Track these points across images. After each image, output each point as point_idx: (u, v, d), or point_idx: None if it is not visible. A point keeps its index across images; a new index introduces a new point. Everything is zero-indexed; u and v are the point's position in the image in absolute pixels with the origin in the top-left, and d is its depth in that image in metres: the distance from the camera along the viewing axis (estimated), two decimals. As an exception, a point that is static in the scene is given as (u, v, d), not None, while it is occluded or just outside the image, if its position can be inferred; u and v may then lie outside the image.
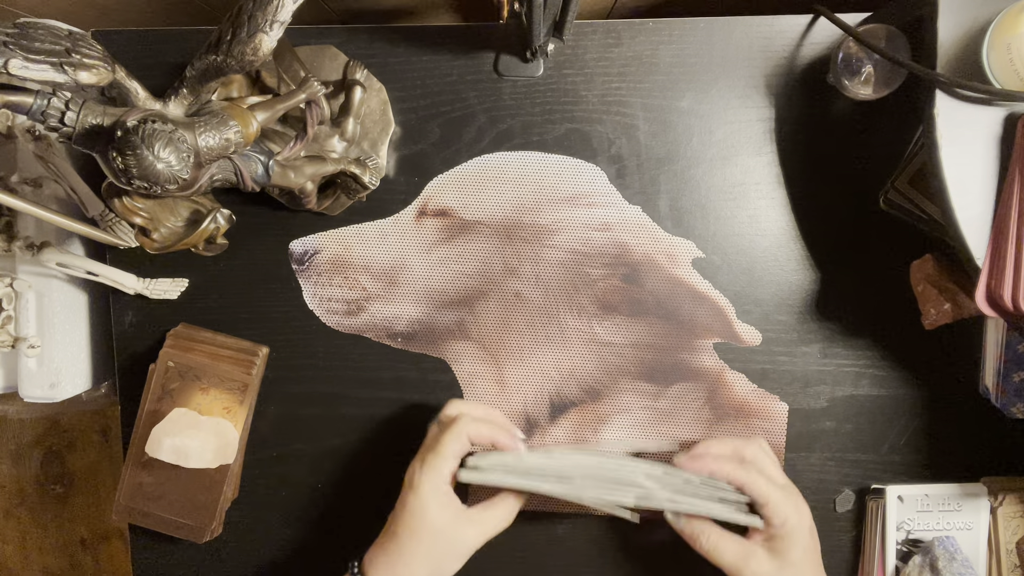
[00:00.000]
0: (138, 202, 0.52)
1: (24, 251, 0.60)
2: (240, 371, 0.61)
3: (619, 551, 0.65)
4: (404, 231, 0.63)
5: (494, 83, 0.61)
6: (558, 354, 0.63)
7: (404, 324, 0.64)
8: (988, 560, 0.63)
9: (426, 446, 0.56)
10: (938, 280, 0.57)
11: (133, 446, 0.61)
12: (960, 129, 0.50)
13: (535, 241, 0.62)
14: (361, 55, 0.61)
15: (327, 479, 0.66)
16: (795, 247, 0.62)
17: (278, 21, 0.45)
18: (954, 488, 0.62)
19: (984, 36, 0.49)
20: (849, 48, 0.56)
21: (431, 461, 0.53)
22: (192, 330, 0.63)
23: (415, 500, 0.53)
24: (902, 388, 0.63)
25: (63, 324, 0.63)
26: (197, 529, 0.62)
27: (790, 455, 0.64)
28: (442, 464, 0.53)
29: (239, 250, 0.63)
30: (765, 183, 0.62)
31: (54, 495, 1.36)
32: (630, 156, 0.62)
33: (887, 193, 0.59)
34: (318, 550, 0.66)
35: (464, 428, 0.54)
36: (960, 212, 0.50)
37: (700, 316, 0.63)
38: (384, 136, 0.61)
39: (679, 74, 0.61)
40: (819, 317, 0.63)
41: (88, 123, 0.45)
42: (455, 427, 0.54)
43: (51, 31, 0.44)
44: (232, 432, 0.61)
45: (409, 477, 0.54)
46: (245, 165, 0.53)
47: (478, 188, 0.62)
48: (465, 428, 0.54)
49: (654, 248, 0.62)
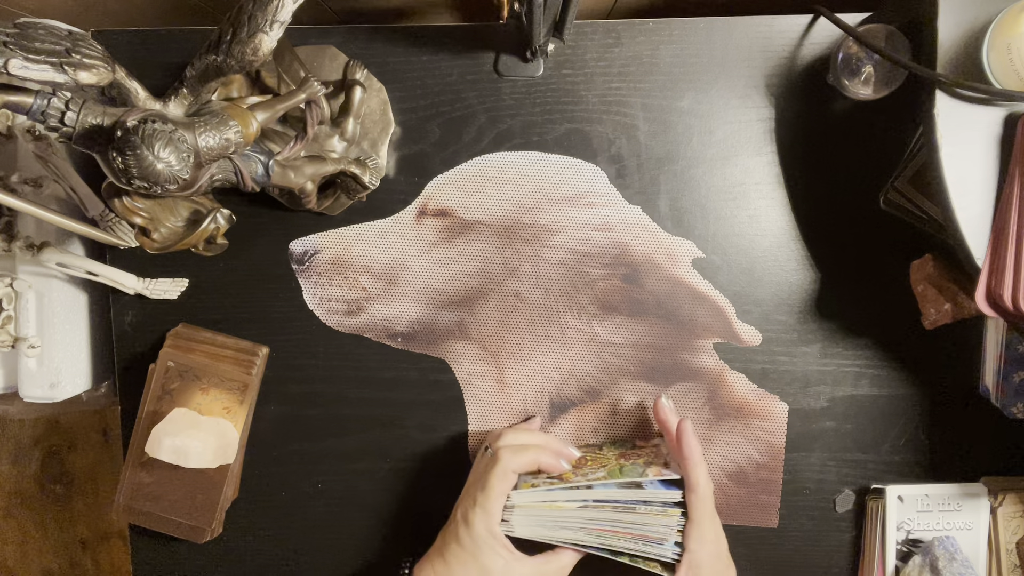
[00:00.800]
0: (138, 202, 0.52)
1: (24, 251, 0.60)
2: (240, 371, 0.61)
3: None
4: (404, 231, 0.63)
5: (494, 83, 0.61)
6: (558, 354, 0.63)
7: (404, 324, 0.64)
8: (988, 560, 0.63)
9: (476, 480, 0.58)
10: (938, 280, 0.57)
11: (133, 446, 0.61)
12: (960, 129, 0.50)
13: (535, 241, 0.62)
14: (361, 55, 0.61)
15: (327, 479, 0.66)
16: (795, 247, 0.62)
17: (278, 21, 0.45)
18: (954, 488, 0.62)
19: (984, 36, 0.49)
20: (849, 48, 0.56)
21: (482, 502, 0.55)
22: (192, 330, 0.63)
23: (468, 539, 0.55)
24: (902, 388, 0.63)
25: (63, 324, 0.63)
26: (197, 529, 0.61)
27: (790, 455, 0.64)
28: (493, 505, 0.55)
29: (239, 250, 0.63)
30: (765, 183, 0.62)
31: (54, 495, 1.36)
32: (630, 156, 0.62)
33: (887, 193, 0.59)
34: (318, 550, 0.66)
35: (508, 465, 0.56)
36: (960, 212, 0.50)
37: (700, 316, 0.63)
38: (384, 136, 0.61)
39: (679, 74, 0.61)
40: (819, 317, 0.63)
41: (88, 123, 0.45)
42: (498, 467, 0.56)
43: (51, 31, 0.44)
44: (232, 432, 0.61)
45: (463, 514, 0.56)
46: (245, 165, 0.53)
47: (478, 188, 0.62)
48: (509, 465, 0.56)
49: (654, 248, 0.62)
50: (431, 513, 0.65)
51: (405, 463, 0.65)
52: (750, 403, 0.63)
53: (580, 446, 0.63)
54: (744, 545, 0.65)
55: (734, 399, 0.63)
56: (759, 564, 0.65)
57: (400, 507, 0.66)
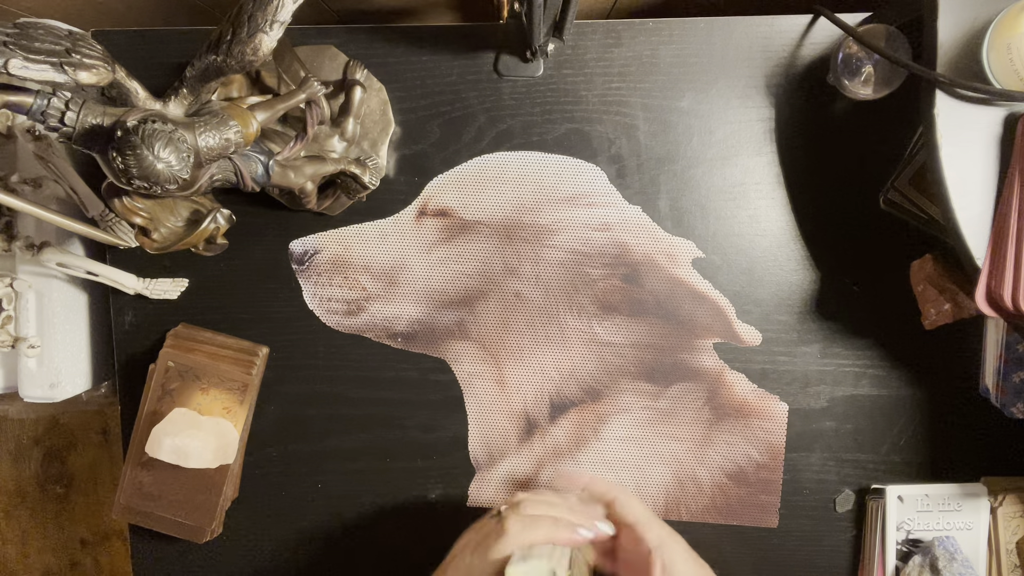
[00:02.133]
0: (138, 202, 0.52)
1: (24, 251, 0.60)
2: (240, 371, 0.61)
3: None
4: (404, 231, 0.63)
5: (494, 83, 0.61)
6: (558, 354, 0.63)
7: (404, 324, 0.64)
8: (988, 560, 0.63)
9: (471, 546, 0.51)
10: (938, 280, 0.57)
11: (133, 446, 0.61)
12: (960, 129, 0.50)
13: (535, 241, 0.62)
14: (361, 55, 0.61)
15: (327, 479, 0.66)
16: (795, 247, 0.62)
17: (278, 21, 0.45)
18: (954, 488, 0.62)
19: (984, 36, 0.49)
20: (849, 48, 0.56)
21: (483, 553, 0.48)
22: (192, 330, 0.63)
23: None
24: (902, 388, 0.63)
25: (63, 324, 0.63)
26: (197, 529, 0.61)
27: (790, 455, 0.64)
28: (496, 559, 0.48)
29: (239, 250, 0.63)
30: (765, 183, 0.62)
31: (54, 495, 1.36)
32: (630, 156, 0.62)
33: (887, 193, 0.59)
34: (318, 550, 0.66)
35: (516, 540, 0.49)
36: (960, 212, 0.50)
37: (700, 316, 0.63)
38: (384, 136, 0.61)
39: (679, 74, 0.61)
40: (819, 317, 0.63)
41: (88, 123, 0.45)
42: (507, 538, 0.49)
43: (51, 31, 0.44)
44: (232, 432, 0.61)
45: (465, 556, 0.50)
46: (245, 165, 0.53)
47: (478, 188, 0.62)
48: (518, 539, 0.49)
49: (654, 248, 0.62)
50: (431, 513, 0.65)
51: (405, 463, 0.65)
52: (750, 403, 0.63)
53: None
54: (744, 545, 0.65)
55: (734, 399, 0.63)
56: (759, 564, 0.65)
57: (400, 507, 0.66)
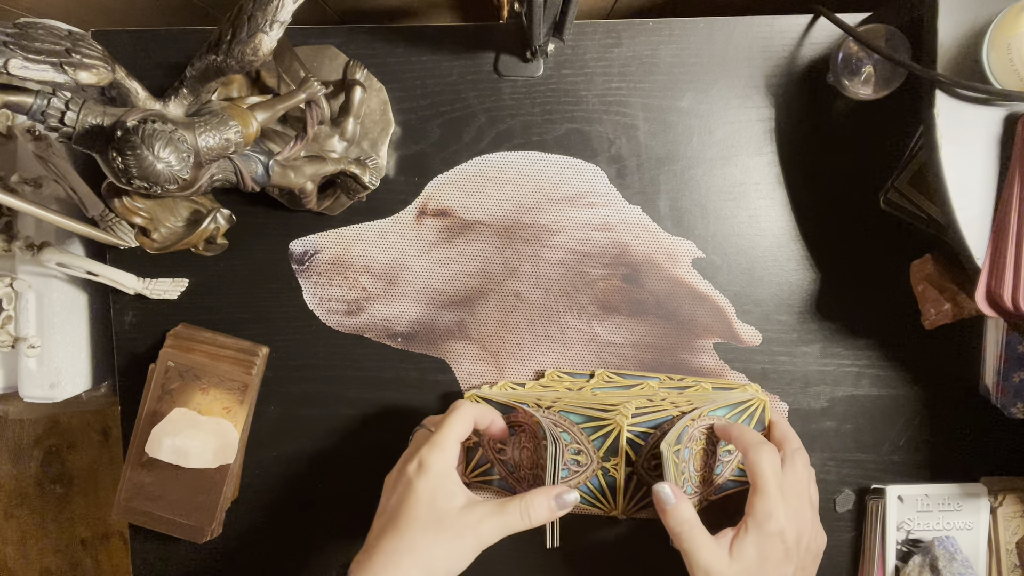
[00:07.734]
0: (138, 202, 0.52)
1: (24, 251, 0.60)
2: (240, 371, 0.61)
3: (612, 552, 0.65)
4: (404, 231, 0.63)
5: (494, 83, 0.61)
6: (558, 354, 0.63)
7: (404, 324, 0.64)
8: (988, 560, 0.63)
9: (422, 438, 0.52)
10: (938, 280, 0.57)
11: (133, 446, 0.61)
12: (960, 129, 0.50)
13: (535, 241, 0.62)
14: (361, 55, 0.61)
15: (327, 479, 0.66)
16: (795, 247, 0.62)
17: (278, 21, 0.45)
18: (954, 488, 0.62)
19: (984, 36, 0.49)
20: (849, 48, 0.56)
21: (440, 442, 0.49)
22: (192, 330, 0.63)
23: (424, 484, 0.47)
24: (902, 388, 0.63)
25: (63, 324, 0.63)
26: (197, 529, 0.61)
27: (790, 455, 0.64)
28: (450, 446, 0.49)
29: (239, 250, 0.63)
30: (765, 183, 0.62)
31: (54, 495, 1.36)
32: (630, 156, 0.62)
33: (887, 193, 0.59)
34: (318, 550, 0.66)
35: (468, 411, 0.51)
36: (960, 212, 0.50)
37: (700, 316, 0.63)
38: (384, 136, 0.61)
39: (679, 74, 0.61)
40: (819, 317, 0.63)
41: (88, 123, 0.45)
42: (459, 411, 0.50)
43: (51, 31, 0.44)
44: (232, 432, 0.61)
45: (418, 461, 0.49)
46: (245, 165, 0.53)
47: (478, 188, 0.62)
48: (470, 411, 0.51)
49: (654, 248, 0.62)
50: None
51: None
52: (750, 403, 0.63)
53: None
54: (744, 545, 0.65)
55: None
56: (759, 564, 0.65)
57: (400, 507, 0.66)
